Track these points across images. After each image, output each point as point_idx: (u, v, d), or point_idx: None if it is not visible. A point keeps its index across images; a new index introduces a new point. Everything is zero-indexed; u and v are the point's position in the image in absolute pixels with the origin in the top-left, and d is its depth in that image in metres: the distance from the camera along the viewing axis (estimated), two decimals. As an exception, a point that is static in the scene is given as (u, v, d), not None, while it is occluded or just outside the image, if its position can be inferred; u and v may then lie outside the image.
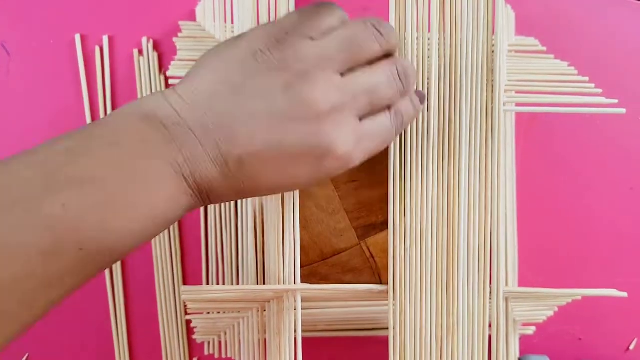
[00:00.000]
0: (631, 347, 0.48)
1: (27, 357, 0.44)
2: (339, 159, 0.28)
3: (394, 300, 0.35)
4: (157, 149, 0.25)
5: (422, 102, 0.33)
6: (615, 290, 0.37)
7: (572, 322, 0.48)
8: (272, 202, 0.38)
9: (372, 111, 0.30)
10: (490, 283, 0.36)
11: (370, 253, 0.41)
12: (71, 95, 0.44)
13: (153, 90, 0.44)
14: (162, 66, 0.44)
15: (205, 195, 0.27)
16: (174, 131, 0.25)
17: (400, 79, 0.30)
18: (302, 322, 0.36)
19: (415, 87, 0.34)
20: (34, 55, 0.44)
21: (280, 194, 0.37)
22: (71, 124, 0.44)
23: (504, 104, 0.36)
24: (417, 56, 0.36)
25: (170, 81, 0.42)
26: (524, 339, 0.47)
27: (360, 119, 0.29)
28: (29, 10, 0.44)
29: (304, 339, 0.38)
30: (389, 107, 0.31)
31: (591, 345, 0.48)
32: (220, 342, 0.43)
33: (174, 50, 0.43)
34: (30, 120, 0.44)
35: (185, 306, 0.41)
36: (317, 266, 0.42)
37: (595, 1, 0.48)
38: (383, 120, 0.30)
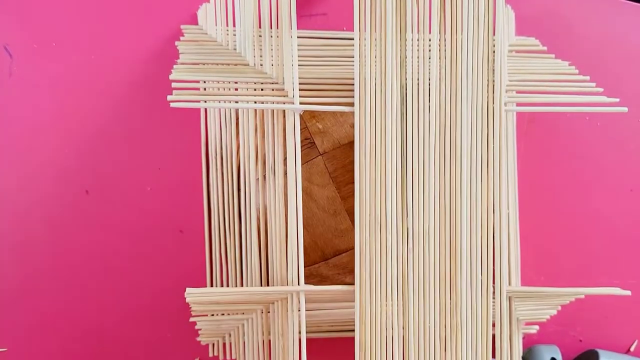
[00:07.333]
0: (632, 349, 0.48)
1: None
2: None
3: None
4: None
5: None
6: (619, 288, 0.37)
7: (572, 323, 0.48)
8: (275, 203, 0.38)
9: None
10: (494, 282, 0.36)
11: (373, 254, 0.42)
12: (72, 97, 0.44)
13: (154, 94, 0.44)
14: (165, 70, 0.45)
15: None
16: None
17: None
18: (306, 323, 0.36)
19: None
20: (36, 57, 0.44)
21: (283, 195, 0.37)
22: (73, 125, 0.44)
23: (505, 104, 0.37)
24: (418, 57, 0.36)
25: (173, 84, 0.42)
26: (526, 339, 0.47)
27: None
28: (31, 12, 0.44)
29: (307, 339, 0.38)
30: None
31: (592, 346, 0.48)
32: (224, 344, 0.43)
33: (176, 54, 0.43)
34: (32, 121, 0.44)
35: (190, 308, 0.41)
36: (318, 267, 0.42)
37: (595, 2, 0.48)
38: None
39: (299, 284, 0.36)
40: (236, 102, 0.38)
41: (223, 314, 0.41)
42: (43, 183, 0.44)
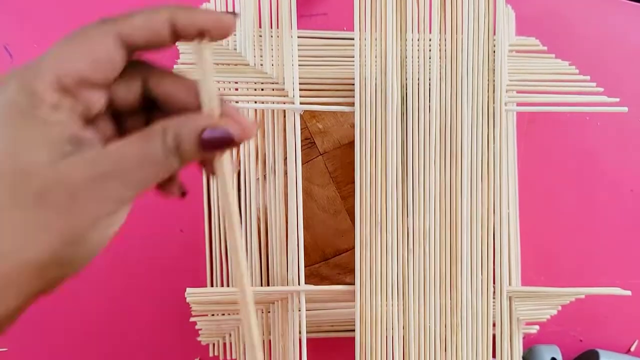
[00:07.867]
0: (632, 349, 0.48)
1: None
2: None
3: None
4: None
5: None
6: (619, 288, 0.37)
7: (573, 323, 0.48)
8: (275, 203, 0.38)
9: None
10: (494, 282, 0.36)
11: (373, 254, 0.42)
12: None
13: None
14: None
15: None
16: None
17: None
18: (306, 323, 0.36)
19: None
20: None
21: (283, 195, 0.37)
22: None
23: (505, 104, 0.37)
24: (419, 57, 0.36)
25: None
26: (526, 339, 0.47)
27: None
28: (31, 12, 0.44)
29: (307, 339, 0.38)
30: None
31: (592, 346, 0.48)
32: (224, 344, 0.43)
33: (176, 54, 0.43)
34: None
35: (190, 308, 0.41)
36: (318, 267, 0.42)
37: (595, 2, 0.48)
38: None
39: (299, 284, 0.36)
40: (236, 102, 0.38)
41: (223, 314, 0.41)
42: (43, 183, 0.44)
